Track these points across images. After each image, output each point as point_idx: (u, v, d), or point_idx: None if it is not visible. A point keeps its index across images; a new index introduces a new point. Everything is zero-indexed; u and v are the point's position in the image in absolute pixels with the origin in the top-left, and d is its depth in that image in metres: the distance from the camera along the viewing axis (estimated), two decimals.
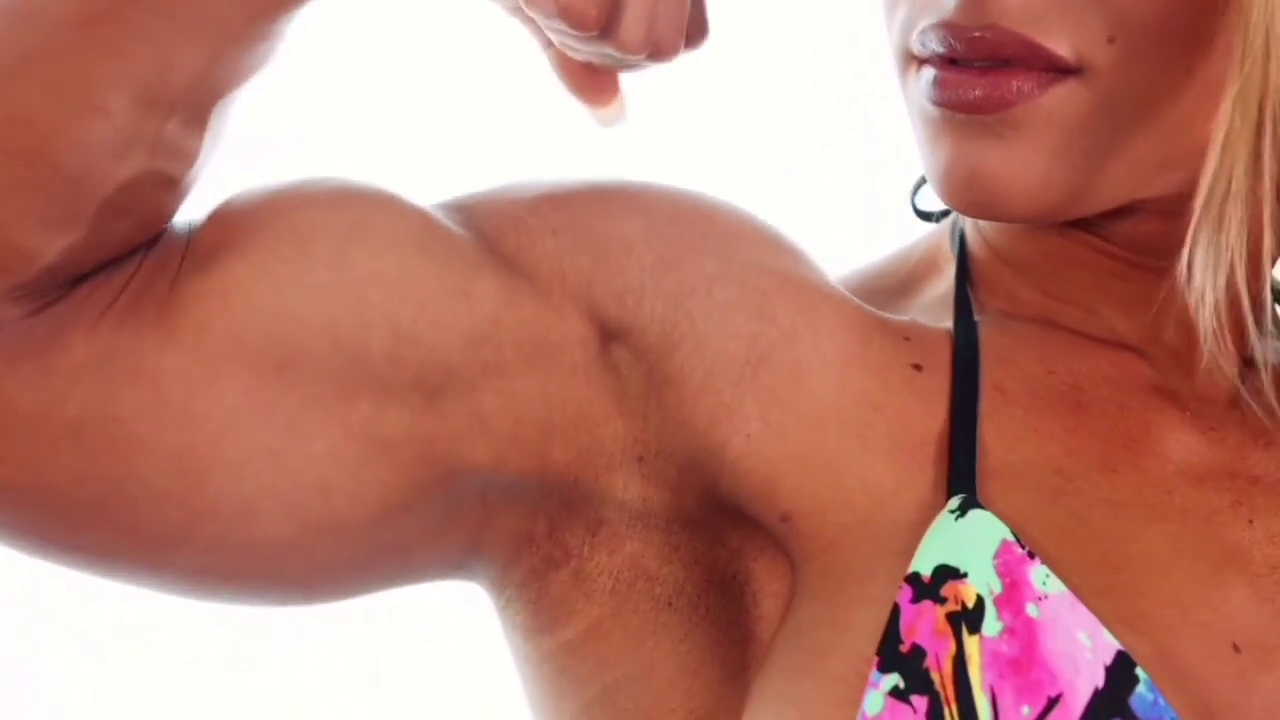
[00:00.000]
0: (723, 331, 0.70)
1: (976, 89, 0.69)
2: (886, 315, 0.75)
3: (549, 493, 0.71)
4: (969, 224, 0.81)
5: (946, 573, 0.67)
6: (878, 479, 0.70)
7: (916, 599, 0.66)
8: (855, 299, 0.75)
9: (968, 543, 0.67)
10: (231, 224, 0.68)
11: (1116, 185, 0.71)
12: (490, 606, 0.77)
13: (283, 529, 0.67)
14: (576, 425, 0.70)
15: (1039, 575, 0.67)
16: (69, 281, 0.64)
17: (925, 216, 0.86)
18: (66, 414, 0.64)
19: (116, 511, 0.65)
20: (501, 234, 0.71)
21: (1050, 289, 0.78)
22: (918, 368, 0.73)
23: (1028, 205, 0.71)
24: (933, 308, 0.79)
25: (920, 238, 0.86)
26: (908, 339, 0.74)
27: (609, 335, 0.70)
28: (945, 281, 0.80)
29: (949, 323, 0.76)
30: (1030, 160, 0.70)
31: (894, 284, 0.82)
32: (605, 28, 0.65)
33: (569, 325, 0.70)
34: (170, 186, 0.66)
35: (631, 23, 0.66)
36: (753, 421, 0.70)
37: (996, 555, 0.67)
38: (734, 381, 0.70)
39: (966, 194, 0.71)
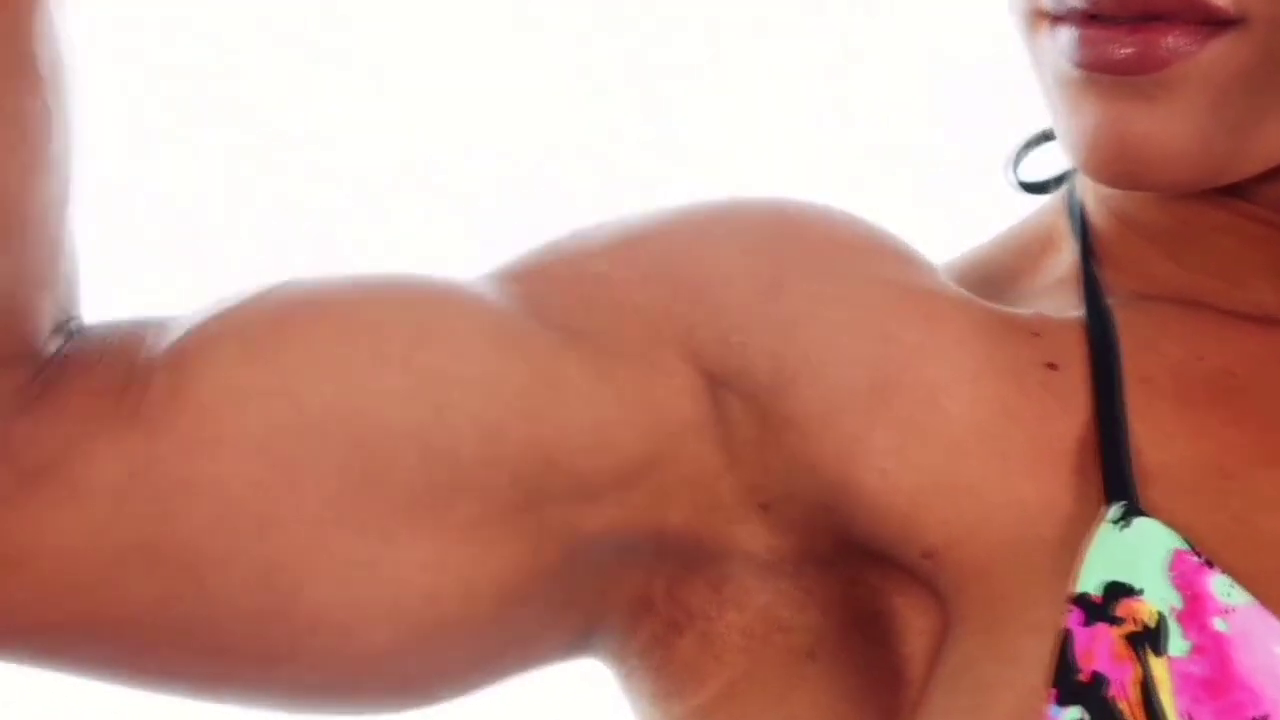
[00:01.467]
0: (841, 359, 0.64)
1: (1126, 47, 0.62)
2: (1010, 309, 0.69)
3: (666, 554, 0.66)
4: (1090, 194, 0.74)
5: (1118, 590, 0.61)
6: (1023, 495, 0.64)
7: (1088, 621, 0.60)
8: (975, 296, 0.69)
9: (1136, 555, 0.61)
10: (290, 315, 0.62)
11: (1274, 145, 0.65)
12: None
13: (393, 639, 0.62)
14: (692, 484, 0.65)
15: (1221, 586, 0.60)
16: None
17: (1035, 189, 0.80)
18: (124, 536, 0.59)
19: (207, 634, 0.61)
20: (586, 302, 0.65)
21: (1189, 262, 0.71)
22: (1052, 366, 0.66)
23: (1183, 173, 0.64)
24: (1053, 293, 0.73)
25: (1028, 215, 0.79)
26: (1037, 334, 0.67)
27: (718, 381, 0.64)
28: (1064, 262, 0.74)
29: (1076, 310, 0.70)
30: (1185, 123, 0.63)
31: (1005, 272, 0.76)
32: None
33: (673, 379, 0.64)
34: None
35: None
36: (887, 455, 0.63)
37: (1170, 567, 0.61)
38: (861, 412, 0.64)
39: (1116, 165, 0.64)
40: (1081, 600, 0.61)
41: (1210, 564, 0.61)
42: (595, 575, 0.65)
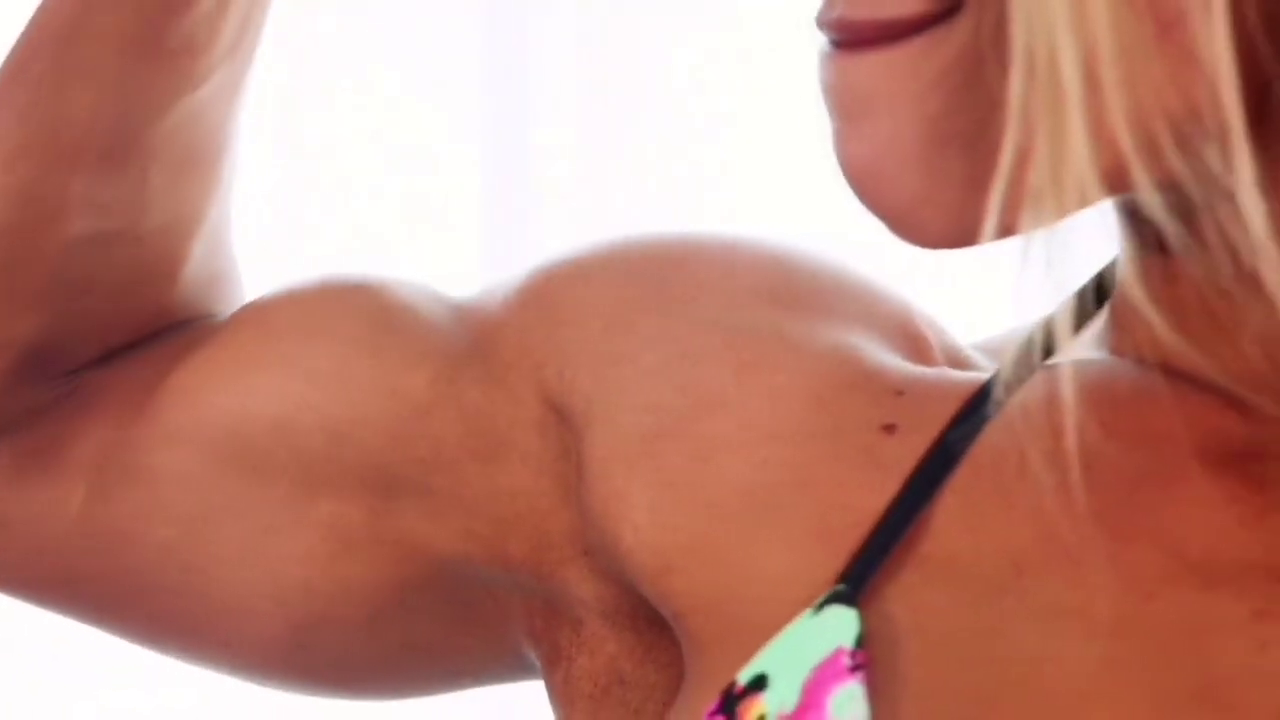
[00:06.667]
0: (634, 404, 0.61)
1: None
2: (897, 366, 0.60)
3: (530, 588, 0.65)
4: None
5: (758, 684, 0.53)
6: (772, 570, 0.57)
7: (717, 712, 0.54)
8: (851, 350, 0.60)
9: (802, 647, 0.53)
10: (233, 321, 0.68)
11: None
12: None
13: (279, 629, 0.67)
14: (525, 519, 0.63)
15: (841, 697, 0.51)
16: (69, 369, 0.67)
17: None
18: (71, 510, 0.67)
19: (141, 602, 0.68)
20: (486, 321, 0.65)
21: (1187, 323, 0.54)
22: (889, 429, 0.57)
23: (921, 217, 0.52)
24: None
25: None
26: (900, 394, 0.58)
27: (560, 418, 0.63)
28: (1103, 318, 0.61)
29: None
30: (892, 145, 0.51)
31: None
32: None
33: (521, 409, 0.63)
34: (123, 243, 0.65)
35: None
36: (640, 510, 0.59)
37: (821, 664, 0.52)
38: (629, 464, 0.60)
39: (866, 199, 0.53)
40: (728, 691, 0.54)
41: (858, 668, 0.52)
42: (489, 597, 0.66)
